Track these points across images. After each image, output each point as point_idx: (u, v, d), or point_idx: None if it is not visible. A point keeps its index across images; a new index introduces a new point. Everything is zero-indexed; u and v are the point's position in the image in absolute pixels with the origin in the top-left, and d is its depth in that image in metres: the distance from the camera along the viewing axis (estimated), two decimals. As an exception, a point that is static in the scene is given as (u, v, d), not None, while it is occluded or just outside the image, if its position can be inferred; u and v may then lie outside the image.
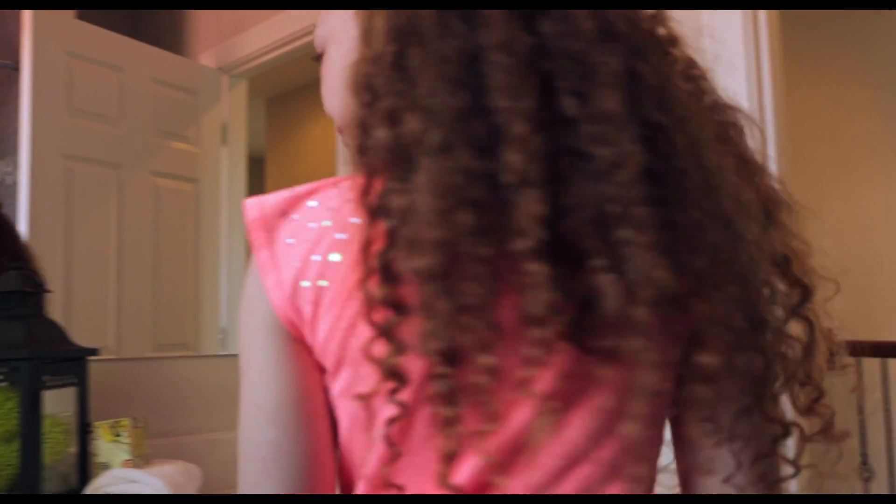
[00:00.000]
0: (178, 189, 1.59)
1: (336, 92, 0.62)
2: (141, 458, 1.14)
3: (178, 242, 1.57)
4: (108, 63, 1.49)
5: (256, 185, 1.71)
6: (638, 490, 0.56)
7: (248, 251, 0.57)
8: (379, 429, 0.53)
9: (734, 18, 1.47)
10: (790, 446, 0.57)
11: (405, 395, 0.49)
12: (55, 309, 1.21)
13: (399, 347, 0.47)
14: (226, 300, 1.62)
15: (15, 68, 1.35)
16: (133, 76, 1.52)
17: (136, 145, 1.51)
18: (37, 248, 1.30)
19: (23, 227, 1.32)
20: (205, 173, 1.63)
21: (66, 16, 1.44)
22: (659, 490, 0.59)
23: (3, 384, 1.04)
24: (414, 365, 0.48)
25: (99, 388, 1.23)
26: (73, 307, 1.36)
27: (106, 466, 1.11)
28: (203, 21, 1.65)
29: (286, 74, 1.80)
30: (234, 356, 1.55)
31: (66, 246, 1.37)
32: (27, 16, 1.36)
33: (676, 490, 0.62)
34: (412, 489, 0.54)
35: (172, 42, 1.64)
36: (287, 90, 1.83)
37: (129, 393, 1.31)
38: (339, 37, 0.63)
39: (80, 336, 1.15)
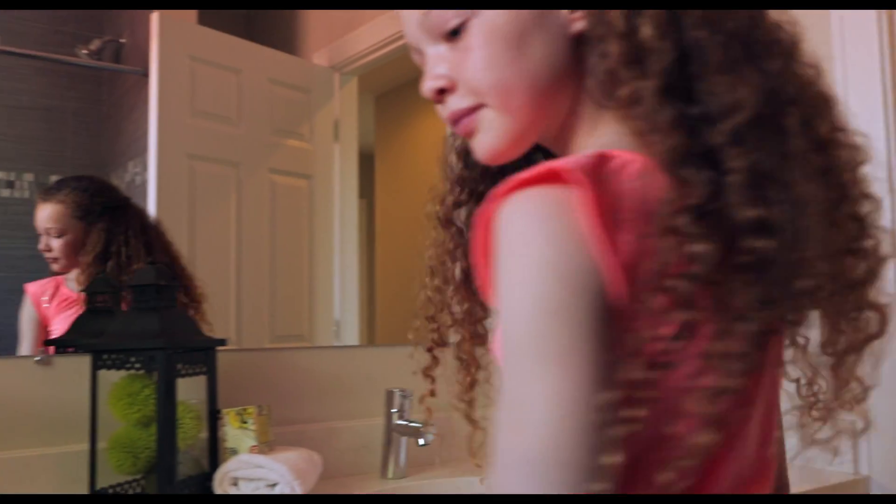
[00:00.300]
0: (293, 185, 1.64)
1: (502, 57, 0.61)
2: (266, 445, 1.18)
3: (293, 237, 1.62)
4: (227, 66, 1.55)
5: (366, 180, 1.75)
6: None
7: (362, 244, 0.56)
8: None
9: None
10: None
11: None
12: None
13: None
14: (339, 293, 1.66)
15: (144, 74, 1.43)
16: (251, 77, 1.58)
17: (253, 144, 1.57)
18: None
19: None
20: (318, 169, 1.67)
21: (189, 22, 1.50)
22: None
23: (141, 372, 1.11)
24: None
25: (224, 377, 1.29)
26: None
27: (234, 452, 1.16)
28: (315, 21, 1.70)
29: (394, 70, 1.82)
30: (351, 347, 1.59)
31: (190, 242, 1.43)
32: (154, 23, 1.43)
33: None
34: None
35: (286, 43, 1.69)
36: (395, 86, 1.85)
37: (251, 382, 1.36)
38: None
39: (203, 327, 1.20)
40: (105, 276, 1.25)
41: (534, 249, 0.50)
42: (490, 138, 0.64)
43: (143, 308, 1.12)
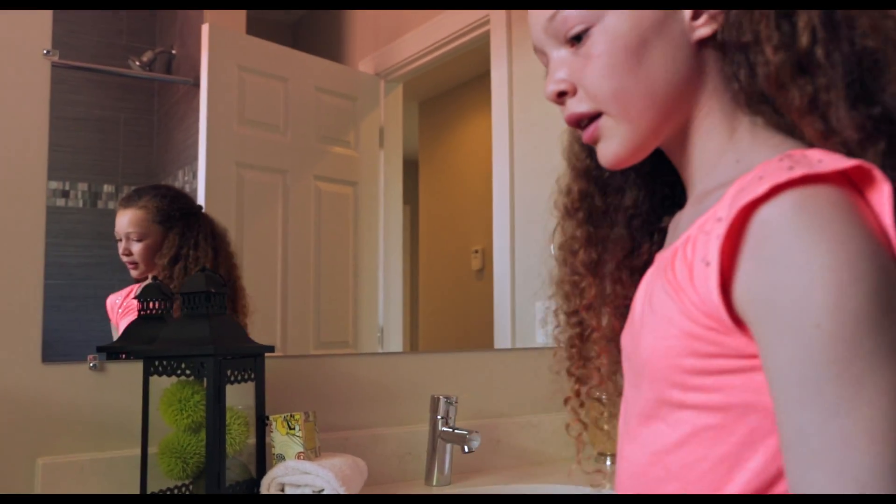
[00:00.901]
0: (338, 192, 1.65)
1: (622, 66, 0.63)
2: (312, 451, 1.19)
3: (337, 244, 1.63)
4: (274, 74, 1.57)
5: (411, 186, 1.75)
6: None
7: (406, 251, 0.56)
8: None
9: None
10: None
11: None
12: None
13: None
14: (383, 299, 1.67)
15: (195, 84, 1.45)
16: (297, 85, 1.60)
17: (300, 151, 1.59)
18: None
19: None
20: (363, 176, 1.68)
21: (238, 31, 1.53)
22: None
23: (191, 378, 1.12)
24: None
25: (270, 383, 1.31)
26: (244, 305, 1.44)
27: (281, 458, 1.17)
28: (361, 29, 1.71)
29: (438, 77, 1.83)
30: (395, 354, 1.60)
31: (237, 248, 1.45)
32: (204, 34, 1.46)
33: None
34: None
35: (332, 51, 1.71)
36: (439, 93, 1.86)
37: (298, 388, 1.37)
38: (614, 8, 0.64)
39: (250, 333, 1.22)
40: (158, 283, 1.27)
41: (848, 248, 0.49)
42: (613, 146, 0.67)
43: (194, 315, 1.14)
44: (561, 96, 0.69)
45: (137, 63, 1.40)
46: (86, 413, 1.17)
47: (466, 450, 1.32)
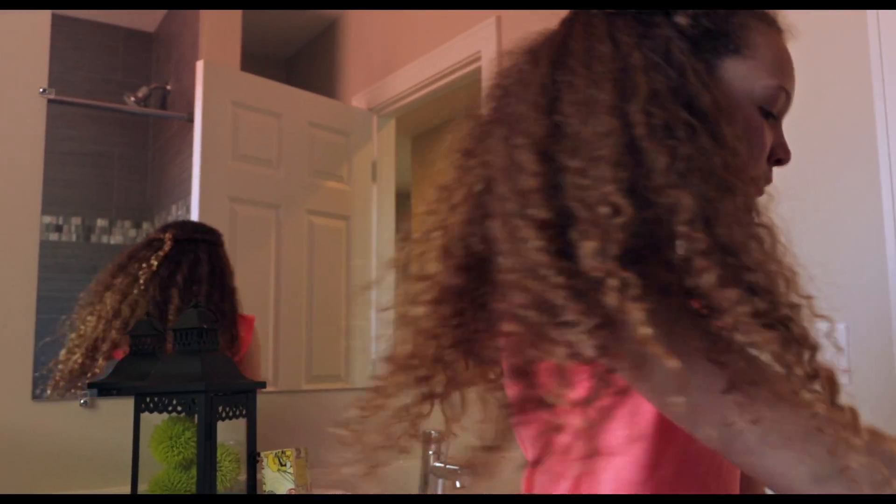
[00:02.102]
0: (331, 226, 1.66)
1: None
2: (303, 487, 1.19)
3: (330, 277, 1.64)
4: (268, 110, 1.59)
5: (403, 219, 1.76)
6: None
7: (397, 284, 0.55)
8: None
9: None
10: None
11: None
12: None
13: None
14: (375, 333, 1.67)
15: (189, 120, 1.47)
16: (291, 121, 1.61)
17: (293, 186, 1.60)
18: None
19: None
20: (356, 210, 1.70)
21: (232, 68, 1.55)
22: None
23: (182, 415, 1.12)
24: None
25: (262, 419, 1.30)
26: (237, 340, 1.45)
27: (272, 494, 1.17)
28: (354, 65, 1.73)
29: (430, 112, 1.85)
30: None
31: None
32: (199, 70, 1.48)
33: None
34: None
35: (325, 87, 1.73)
36: (431, 127, 1.88)
37: (290, 424, 1.37)
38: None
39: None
40: (150, 319, 1.28)
41: None
42: None
43: (186, 351, 1.14)
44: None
45: (133, 99, 1.42)
46: (76, 450, 1.17)
47: (458, 485, 1.32)
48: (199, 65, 1.48)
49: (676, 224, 0.56)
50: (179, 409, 1.10)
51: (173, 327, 1.14)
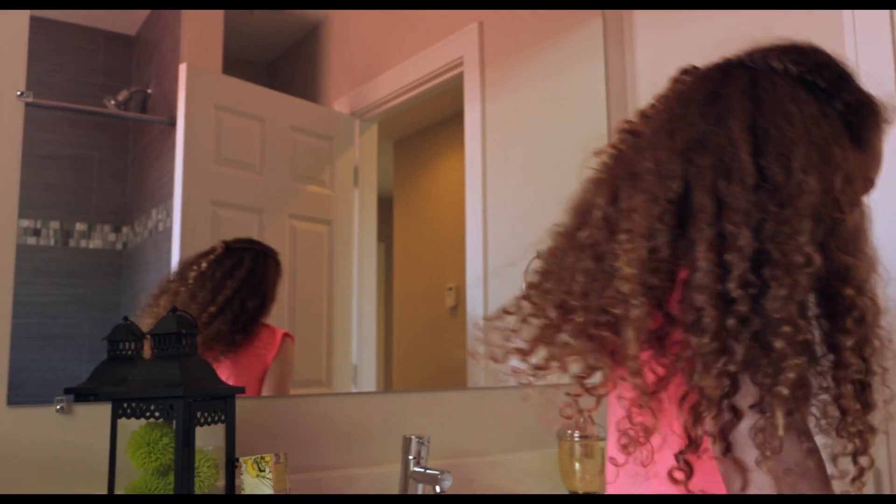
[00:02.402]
0: (313, 231, 1.66)
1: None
2: (282, 493, 1.18)
3: (312, 282, 1.63)
4: (251, 114, 1.58)
5: (385, 224, 1.76)
6: None
7: (380, 288, 0.57)
8: None
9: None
10: None
11: None
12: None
13: None
14: (356, 338, 1.67)
15: (170, 124, 1.46)
16: (274, 125, 1.61)
17: (275, 190, 1.60)
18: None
19: (174, 269, 1.42)
20: (338, 214, 1.70)
21: (215, 72, 1.54)
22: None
23: (160, 420, 1.12)
24: None
25: (242, 424, 1.30)
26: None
27: (251, 500, 1.16)
28: (336, 69, 1.73)
29: (412, 117, 1.85)
30: (368, 393, 1.59)
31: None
32: (182, 73, 1.47)
33: None
34: None
35: (308, 91, 1.73)
36: (413, 132, 1.88)
37: (270, 429, 1.37)
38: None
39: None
40: (128, 324, 1.27)
41: None
42: None
43: (164, 356, 1.14)
44: None
45: (113, 102, 1.41)
46: (52, 456, 1.16)
47: (438, 490, 1.32)
48: (182, 68, 1.47)
49: (847, 286, 0.67)
50: (157, 414, 1.09)
51: (151, 332, 1.14)
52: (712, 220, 0.71)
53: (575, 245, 0.90)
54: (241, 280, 1.45)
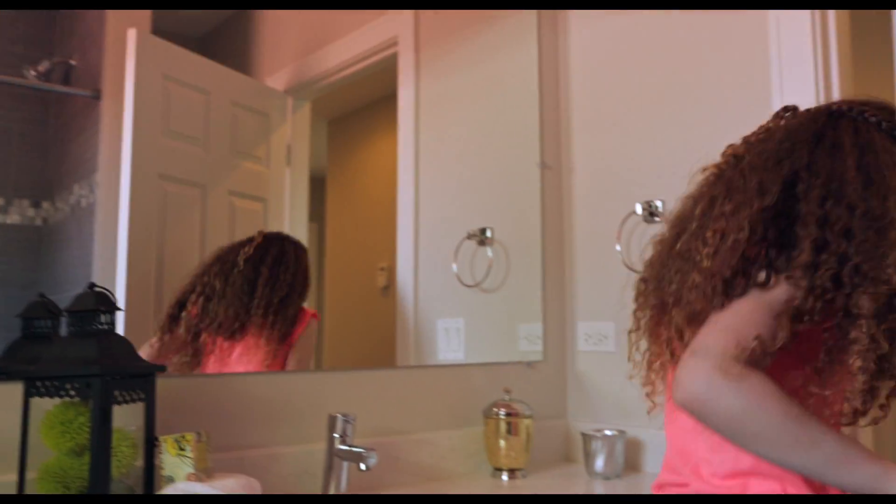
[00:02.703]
0: (249, 208, 1.65)
1: None
2: (204, 472, 1.18)
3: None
4: (197, 86, 1.56)
5: (318, 204, 1.76)
6: None
7: (312, 268, 0.57)
8: None
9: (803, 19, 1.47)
10: None
11: None
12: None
13: None
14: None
15: (95, 97, 1.42)
16: (217, 99, 1.59)
17: (217, 166, 1.58)
18: (133, 264, 1.40)
19: (122, 245, 1.40)
20: (272, 193, 1.68)
21: (165, 41, 1.50)
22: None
23: (76, 399, 1.10)
24: None
25: (165, 403, 1.29)
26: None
27: (170, 479, 1.15)
28: (270, 46, 1.71)
29: (346, 96, 1.84)
30: (293, 372, 1.59)
31: (158, 264, 1.44)
32: (130, 40, 1.43)
33: None
34: None
35: (240, 67, 1.70)
36: (347, 112, 1.87)
37: (193, 408, 1.36)
38: None
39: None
40: (44, 301, 1.24)
41: None
42: None
43: (81, 334, 1.12)
44: None
45: (33, 73, 1.37)
46: (-37, 436, 1.13)
47: (363, 467, 1.33)
48: (132, 33, 1.44)
49: None
50: (73, 393, 1.07)
51: (68, 308, 1.12)
52: (817, 230, 0.95)
53: (673, 253, 1.09)
54: (287, 267, 1.56)
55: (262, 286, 1.51)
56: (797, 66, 1.55)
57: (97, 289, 1.15)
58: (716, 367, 0.89)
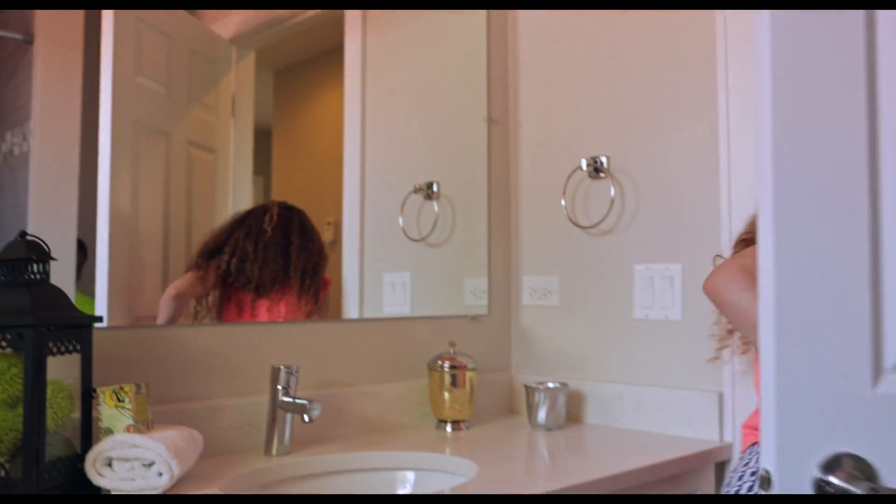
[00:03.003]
0: (203, 159, 1.62)
1: None
2: (143, 424, 1.17)
3: (200, 213, 1.60)
4: (162, 30, 1.52)
5: (263, 157, 1.73)
6: None
7: None
8: None
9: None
10: None
11: None
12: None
13: None
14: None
15: (28, 41, 1.37)
16: (177, 44, 1.55)
17: (178, 114, 1.55)
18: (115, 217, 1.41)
19: (103, 192, 1.39)
20: (219, 144, 1.65)
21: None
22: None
23: (8, 351, 1.07)
24: None
25: (104, 355, 1.27)
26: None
27: (109, 431, 1.14)
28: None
29: (292, 48, 1.80)
30: (236, 324, 1.57)
31: (133, 209, 1.44)
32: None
33: None
34: None
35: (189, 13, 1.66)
36: (293, 63, 1.83)
37: (134, 360, 1.34)
38: None
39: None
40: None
41: None
42: None
43: (13, 283, 1.09)
44: None
45: (-41, 14, 1.31)
46: None
47: (307, 419, 1.34)
48: None
49: None
50: (4, 344, 1.05)
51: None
52: None
53: None
54: (312, 236, 1.68)
55: (296, 252, 1.63)
56: (741, 23, 1.57)
57: (29, 237, 1.12)
58: (739, 268, 1.17)
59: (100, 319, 1.18)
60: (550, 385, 1.71)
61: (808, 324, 0.86)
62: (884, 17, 0.88)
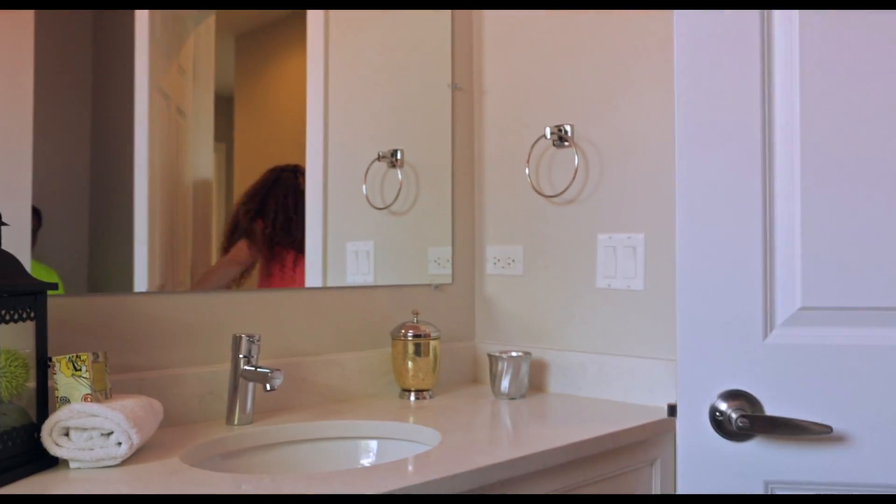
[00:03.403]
0: (178, 122, 1.59)
1: None
2: (101, 393, 1.15)
3: (169, 176, 1.57)
4: None
5: (225, 122, 1.70)
6: None
7: (220, 188, 0.55)
8: None
9: None
10: None
11: None
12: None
13: None
14: (192, 238, 1.62)
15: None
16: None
17: (157, 73, 1.54)
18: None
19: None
20: (185, 108, 1.62)
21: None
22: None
23: (-41, 318, 1.05)
24: None
25: (61, 324, 1.24)
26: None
27: (66, 401, 1.12)
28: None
29: (254, 11, 1.76)
30: (198, 292, 1.55)
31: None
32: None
33: None
34: None
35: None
36: (255, 27, 1.79)
37: (91, 328, 1.32)
38: None
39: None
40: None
41: None
42: None
43: (-38, 251, 1.06)
44: None
45: None
46: None
47: (269, 388, 1.33)
48: None
49: None
50: (-45, 312, 1.02)
51: (-53, 225, 1.05)
52: None
53: None
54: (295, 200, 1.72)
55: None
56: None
57: (-21, 203, 1.09)
58: None
59: (54, 286, 1.15)
60: (514, 354, 1.73)
61: (710, 286, 1.16)
62: (779, 16, 1.16)
